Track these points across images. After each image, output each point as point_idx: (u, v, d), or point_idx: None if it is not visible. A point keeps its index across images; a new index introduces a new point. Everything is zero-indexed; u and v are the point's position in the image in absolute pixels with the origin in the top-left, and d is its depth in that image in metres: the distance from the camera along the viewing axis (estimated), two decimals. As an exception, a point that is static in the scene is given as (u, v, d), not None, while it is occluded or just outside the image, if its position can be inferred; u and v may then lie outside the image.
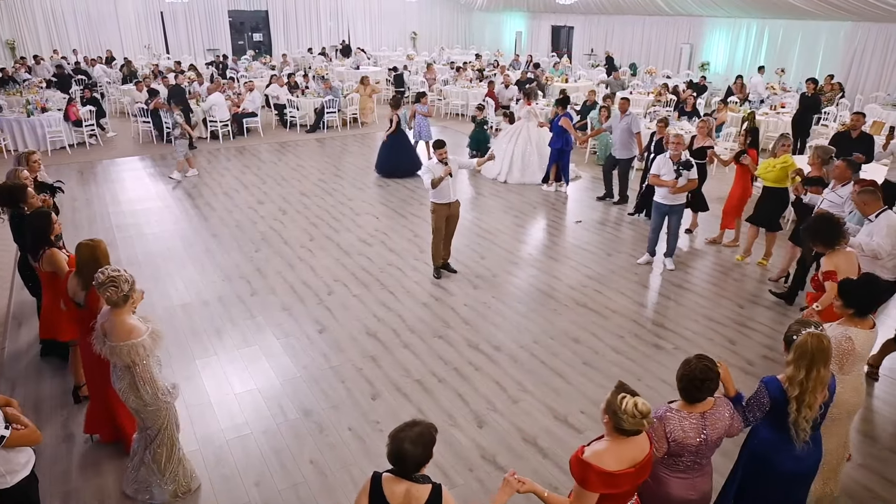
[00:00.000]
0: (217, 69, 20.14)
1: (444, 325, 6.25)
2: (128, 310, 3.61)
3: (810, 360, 2.99)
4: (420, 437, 2.50)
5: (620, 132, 9.48)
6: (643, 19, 21.82)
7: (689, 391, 2.90)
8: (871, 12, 14.74)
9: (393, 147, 11.44)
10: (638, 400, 2.61)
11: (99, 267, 3.92)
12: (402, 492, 2.50)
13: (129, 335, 3.53)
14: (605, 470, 2.61)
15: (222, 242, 8.27)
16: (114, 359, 3.56)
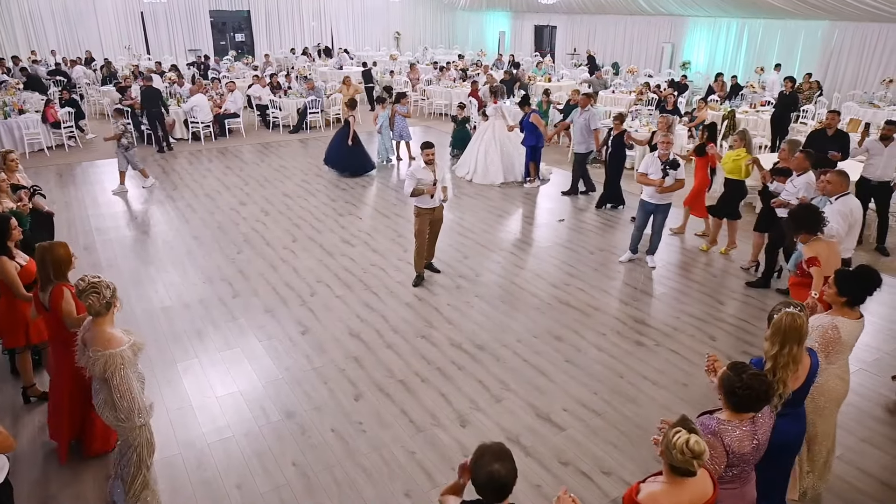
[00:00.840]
0: (199, 70, 19.98)
1: (427, 325, 6.25)
2: (109, 318, 3.54)
3: (783, 336, 3.13)
4: (501, 453, 2.35)
5: (579, 127, 9.87)
6: (625, 19, 21.97)
7: (748, 403, 2.79)
8: (848, 12, 14.96)
9: (344, 143, 11.40)
10: (692, 437, 2.42)
11: (48, 271, 4.00)
12: None
13: (107, 345, 3.44)
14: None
15: (204, 244, 8.20)
16: (91, 369, 3.47)
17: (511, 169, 11.22)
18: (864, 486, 4.22)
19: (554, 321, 6.34)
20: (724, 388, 2.83)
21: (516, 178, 11.21)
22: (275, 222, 9.04)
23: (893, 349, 5.88)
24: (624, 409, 4.98)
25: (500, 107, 11.27)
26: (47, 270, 4.02)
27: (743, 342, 6.01)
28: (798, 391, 3.31)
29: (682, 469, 2.46)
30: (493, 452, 2.35)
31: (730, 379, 2.80)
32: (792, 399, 3.28)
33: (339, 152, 11.49)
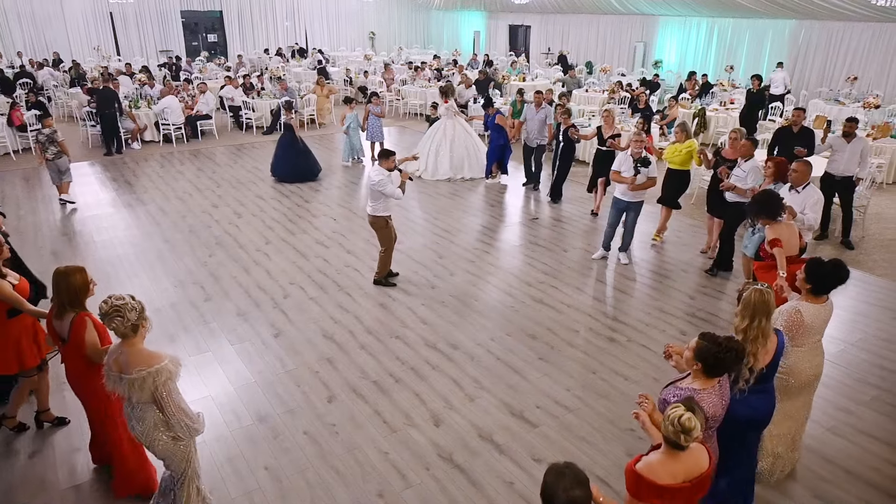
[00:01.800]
0: (170, 71, 19.71)
1: (401, 325, 6.24)
2: (140, 338, 3.36)
3: (752, 310, 3.36)
4: (579, 478, 2.37)
5: (536, 123, 10.25)
6: (598, 18, 22.17)
7: (726, 365, 2.99)
8: (814, 10, 15.27)
9: (288, 150, 11.07)
10: (686, 414, 2.57)
11: (63, 298, 3.71)
12: None
13: (149, 362, 3.25)
14: (657, 483, 2.61)
15: (175, 248, 8.10)
16: (135, 393, 3.24)
17: (461, 166, 11.33)
18: (828, 475, 4.32)
19: (527, 319, 6.38)
20: (702, 355, 2.99)
21: (464, 175, 11.31)
22: (248, 224, 8.96)
23: (858, 340, 6.02)
24: (596, 405, 5.03)
25: (450, 106, 11.33)
26: (62, 298, 3.74)
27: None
28: (768, 368, 3.48)
29: (672, 441, 2.61)
30: (574, 477, 2.37)
31: (708, 346, 2.97)
32: (762, 375, 3.44)
33: (286, 160, 11.05)
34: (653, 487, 2.61)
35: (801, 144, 8.03)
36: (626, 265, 7.66)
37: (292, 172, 11.04)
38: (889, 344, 5.93)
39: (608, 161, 8.54)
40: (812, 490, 4.18)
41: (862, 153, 7.89)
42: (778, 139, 8.38)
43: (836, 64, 16.41)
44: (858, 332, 6.15)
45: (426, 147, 11.43)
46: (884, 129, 10.97)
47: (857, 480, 4.28)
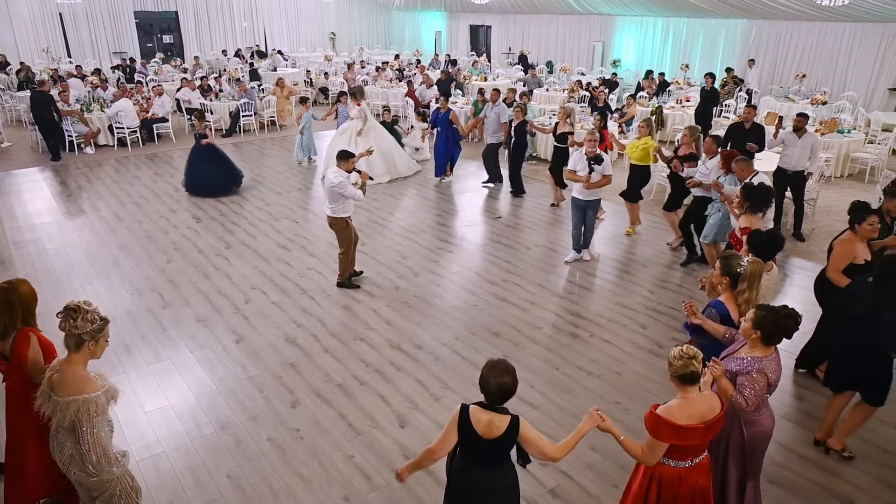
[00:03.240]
0: (124, 73, 19.21)
1: (365, 328, 6.21)
2: (82, 358, 3.08)
3: (756, 279, 3.85)
4: (507, 369, 2.83)
5: (491, 121, 10.43)
6: (557, 18, 22.42)
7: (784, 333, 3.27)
8: (763, 10, 15.74)
9: (201, 161, 10.17)
10: (682, 346, 2.98)
11: (16, 314, 3.45)
12: (486, 420, 2.84)
13: (80, 388, 2.98)
14: (675, 423, 2.90)
15: (131, 254, 7.90)
16: (58, 417, 3.00)
17: (393, 166, 11.26)
18: (783, 460, 4.45)
19: (491, 317, 6.42)
20: (764, 324, 3.24)
21: (400, 174, 11.25)
22: (207, 229, 8.79)
23: (810, 329, 6.18)
24: (560, 401, 5.09)
25: (363, 108, 11.12)
26: (14, 314, 3.45)
27: (672, 329, 6.23)
28: None
29: (688, 375, 2.92)
30: (503, 367, 2.85)
31: (768, 315, 3.25)
32: None
33: (199, 173, 10.16)
34: (672, 427, 2.90)
35: (752, 140, 8.28)
36: (588, 261, 7.76)
37: (206, 185, 10.16)
38: (839, 332, 6.14)
39: (563, 156, 9.13)
40: (768, 475, 4.30)
41: (812, 148, 8.16)
42: (730, 135, 8.61)
43: (786, 62, 16.94)
44: (810, 321, 6.30)
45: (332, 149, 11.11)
46: (831, 125, 11.37)
47: (810, 463, 4.43)
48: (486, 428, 2.83)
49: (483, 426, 2.83)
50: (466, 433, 2.87)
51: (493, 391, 2.83)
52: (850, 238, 4.80)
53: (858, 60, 15.50)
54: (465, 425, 2.86)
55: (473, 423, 2.84)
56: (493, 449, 2.87)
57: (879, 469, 4.39)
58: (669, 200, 8.04)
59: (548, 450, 2.91)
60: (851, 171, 11.49)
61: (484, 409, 2.88)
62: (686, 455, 3.05)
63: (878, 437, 4.70)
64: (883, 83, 15.17)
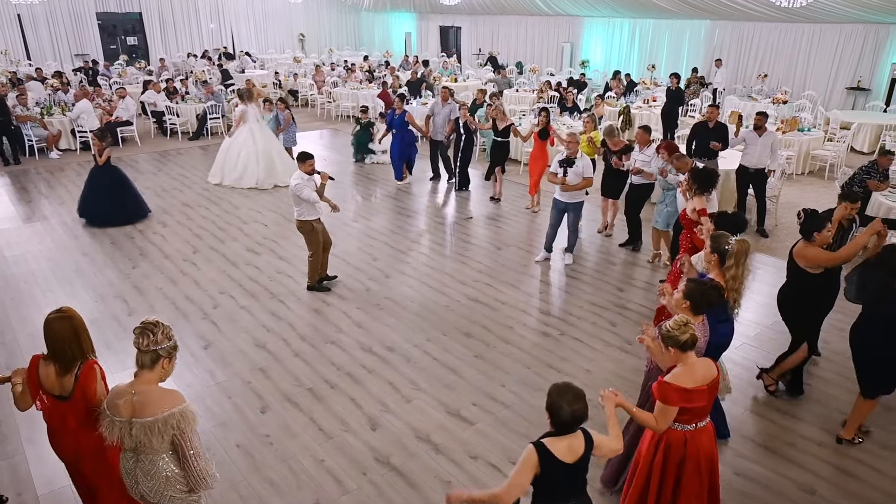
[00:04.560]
0: (87, 76, 18.78)
1: (336, 331, 6.17)
2: (157, 377, 2.95)
3: (744, 257, 4.08)
4: (578, 395, 2.77)
5: (441, 118, 10.63)
6: (526, 19, 22.58)
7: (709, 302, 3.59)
8: (725, 11, 16.07)
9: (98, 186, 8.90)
10: (673, 318, 3.22)
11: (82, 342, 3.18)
12: (565, 446, 2.78)
13: (172, 401, 2.85)
14: (683, 387, 3.14)
15: (95, 261, 7.72)
16: (154, 439, 2.82)
17: (273, 172, 10.83)
18: (748, 452, 4.55)
19: (463, 318, 6.43)
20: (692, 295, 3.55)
21: (278, 182, 10.77)
22: (173, 234, 8.64)
23: (773, 323, 6.35)
24: (531, 399, 5.12)
25: (246, 109, 10.92)
26: (84, 344, 3.20)
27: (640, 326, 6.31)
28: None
29: (688, 341, 3.15)
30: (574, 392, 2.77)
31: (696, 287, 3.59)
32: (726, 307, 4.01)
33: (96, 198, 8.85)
34: (680, 391, 3.14)
35: (715, 138, 8.45)
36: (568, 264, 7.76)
37: (102, 214, 8.83)
38: (800, 325, 6.29)
39: (503, 151, 9.95)
40: (732, 467, 4.40)
41: (772, 146, 8.36)
42: (695, 133, 8.77)
43: (749, 62, 17.32)
44: (773, 315, 6.47)
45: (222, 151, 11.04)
46: (792, 123, 11.66)
47: (775, 456, 4.53)
48: (567, 452, 2.76)
49: (565, 452, 2.76)
50: (551, 467, 2.73)
51: (566, 420, 2.73)
52: (809, 244, 4.74)
53: (817, 61, 15.93)
54: (549, 460, 2.72)
55: (556, 454, 2.73)
56: (580, 471, 2.83)
57: (839, 458, 4.52)
58: (608, 187, 8.42)
59: (614, 444, 2.97)
60: (812, 168, 11.80)
61: (555, 437, 2.79)
62: (692, 418, 3.28)
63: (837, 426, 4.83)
64: (841, 82, 15.62)
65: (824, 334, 5.65)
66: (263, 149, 10.88)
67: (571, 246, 7.76)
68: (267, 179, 10.83)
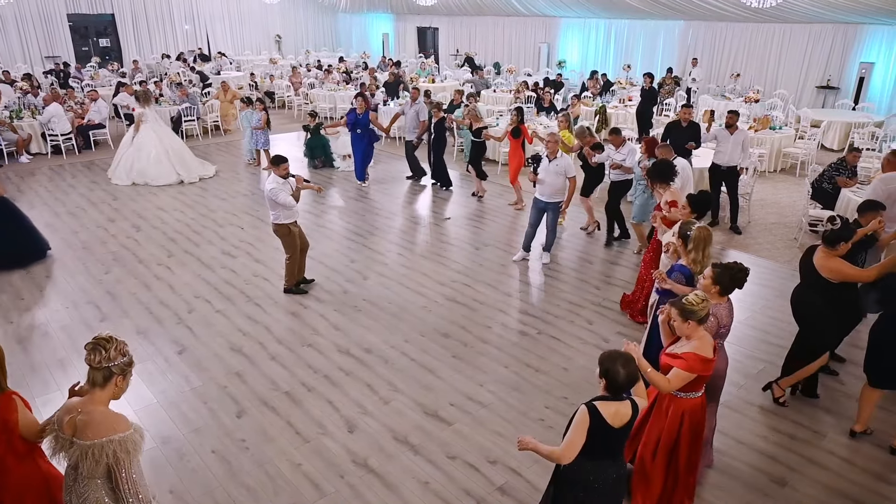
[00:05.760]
0: (58, 78, 18.45)
1: (313, 333, 6.13)
2: (107, 395, 2.82)
3: (704, 243, 4.40)
4: (628, 358, 3.03)
5: (410, 118, 10.80)
6: (503, 20, 22.66)
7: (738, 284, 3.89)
8: (697, 11, 16.28)
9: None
10: (693, 293, 3.51)
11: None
12: (613, 411, 2.99)
13: (113, 427, 2.71)
14: (707, 357, 3.46)
15: (66, 267, 7.58)
16: (87, 464, 2.70)
17: (188, 166, 11.31)
18: (721, 446, 4.61)
19: (441, 318, 6.43)
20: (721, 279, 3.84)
21: (202, 173, 11.38)
22: (147, 238, 8.52)
23: (746, 318, 6.45)
24: (508, 398, 5.14)
25: (144, 111, 11.11)
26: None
27: (618, 324, 6.38)
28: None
29: (705, 316, 3.47)
30: (624, 356, 3.03)
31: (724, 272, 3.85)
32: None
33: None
34: (705, 360, 3.45)
35: (688, 137, 8.58)
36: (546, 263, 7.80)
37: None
38: (774, 320, 6.40)
39: (480, 150, 10.07)
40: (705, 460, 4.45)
41: (743, 144, 8.49)
42: (668, 133, 8.88)
43: (721, 62, 17.57)
44: (746, 310, 6.60)
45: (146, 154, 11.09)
46: (764, 122, 11.86)
47: (747, 448, 4.60)
48: (614, 417, 2.98)
49: (612, 416, 2.97)
50: (600, 429, 2.96)
51: (622, 383, 2.98)
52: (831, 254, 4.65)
53: (788, 60, 16.21)
54: (599, 422, 2.96)
55: (606, 417, 2.96)
56: (622, 436, 3.07)
57: (811, 450, 4.60)
58: (584, 186, 8.64)
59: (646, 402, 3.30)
60: (783, 165, 12.00)
61: (606, 401, 3.01)
62: (702, 385, 3.63)
63: (810, 419, 4.92)
64: (811, 81, 15.91)
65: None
66: (170, 146, 11.30)
67: (549, 245, 7.80)
68: (189, 174, 11.24)
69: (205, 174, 11.50)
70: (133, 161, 11.10)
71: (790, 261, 7.87)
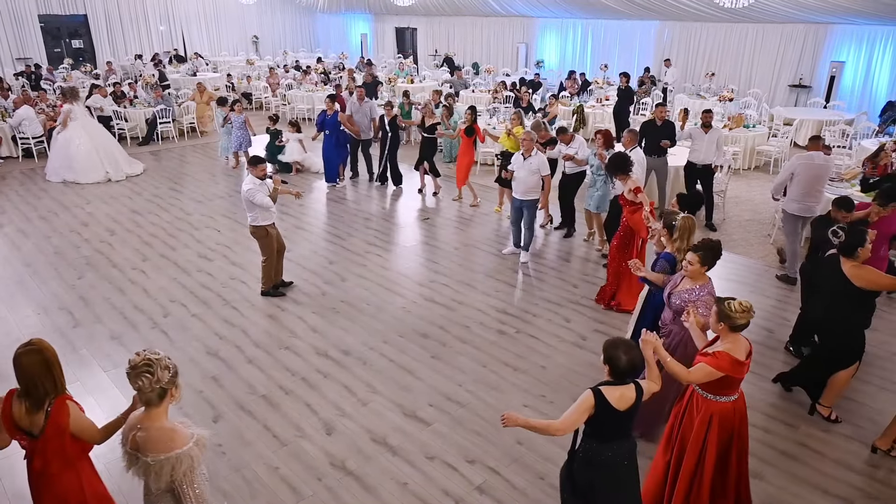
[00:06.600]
0: (29, 80, 18.11)
1: (291, 336, 6.09)
2: (164, 409, 2.82)
3: (688, 232, 4.58)
4: (630, 345, 3.11)
5: (361, 117, 10.80)
6: (481, 20, 22.70)
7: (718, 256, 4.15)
8: (672, 11, 16.46)
9: None
10: (738, 300, 3.43)
11: (54, 374, 3.00)
12: (618, 395, 3.09)
13: (170, 445, 2.72)
14: (738, 358, 3.43)
15: (38, 272, 7.45)
16: (152, 480, 2.74)
17: (117, 163, 11.38)
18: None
19: (419, 319, 6.42)
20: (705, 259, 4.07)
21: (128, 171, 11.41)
22: (122, 242, 8.39)
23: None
24: (487, 397, 5.15)
25: (72, 108, 11.15)
26: (56, 378, 3.01)
27: (595, 321, 6.43)
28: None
29: (742, 325, 3.43)
30: (626, 343, 3.12)
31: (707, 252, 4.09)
32: None
33: None
34: (735, 362, 3.42)
35: (664, 136, 8.67)
36: (516, 257, 7.87)
37: None
38: (747, 315, 6.49)
39: (431, 147, 10.18)
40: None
41: (718, 142, 8.61)
42: (644, 132, 8.95)
43: (697, 61, 17.79)
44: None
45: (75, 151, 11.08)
46: (738, 120, 12.03)
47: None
48: (619, 401, 3.07)
49: (617, 400, 3.07)
50: (605, 412, 3.06)
51: (624, 368, 3.07)
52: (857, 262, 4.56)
53: (761, 60, 16.45)
54: (604, 405, 3.06)
55: (611, 401, 3.06)
56: (629, 418, 3.16)
57: (784, 443, 4.67)
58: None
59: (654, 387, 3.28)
60: (757, 163, 12.19)
61: (611, 386, 3.11)
62: (735, 389, 3.58)
63: (783, 413, 5.00)
64: (784, 80, 16.17)
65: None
66: (100, 143, 11.35)
67: (527, 244, 7.82)
68: (116, 172, 11.30)
69: (132, 172, 11.55)
70: (61, 158, 11.11)
71: (764, 257, 7.99)
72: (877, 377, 5.49)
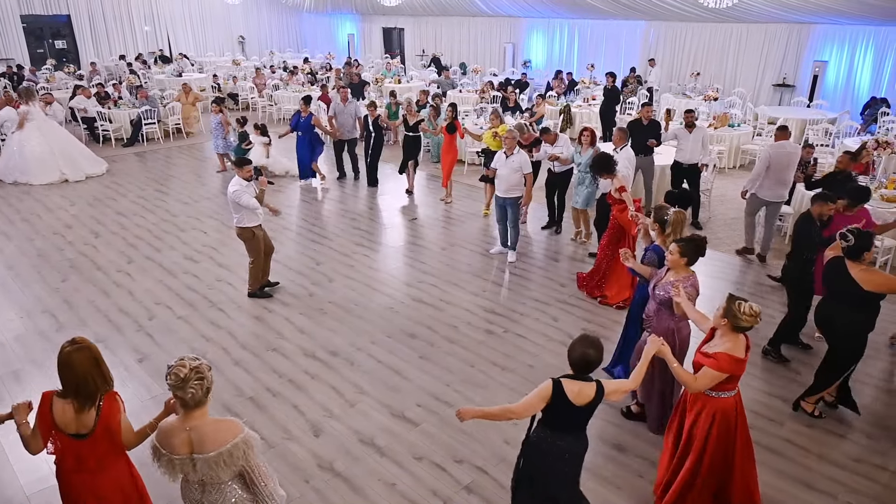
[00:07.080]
0: (11, 81, 17.87)
1: (278, 337, 6.07)
2: (207, 405, 2.85)
3: (680, 225, 4.71)
4: (594, 343, 3.16)
5: (346, 117, 10.90)
6: (468, 20, 22.72)
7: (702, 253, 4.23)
8: (657, 11, 16.57)
9: None
10: (750, 303, 3.48)
11: (102, 369, 2.99)
12: (577, 390, 3.14)
13: (227, 434, 2.76)
14: (738, 357, 3.50)
15: (20, 275, 7.36)
16: (222, 472, 2.76)
17: (76, 163, 11.34)
18: (683, 438, 4.70)
19: (407, 319, 6.42)
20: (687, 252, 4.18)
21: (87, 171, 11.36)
22: (107, 244, 8.32)
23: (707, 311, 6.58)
24: (474, 397, 5.16)
25: (29, 109, 11.15)
26: (106, 374, 3.01)
27: (583, 320, 6.46)
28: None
29: (745, 328, 3.51)
30: (591, 341, 3.17)
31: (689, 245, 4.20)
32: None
33: None
34: (735, 361, 3.50)
35: (650, 136, 8.74)
36: (503, 256, 7.88)
37: None
38: (733, 313, 6.55)
39: (415, 145, 10.37)
40: (670, 453, 4.53)
41: (703, 141, 8.68)
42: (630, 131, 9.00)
43: (682, 61, 17.91)
44: (706, 302, 6.71)
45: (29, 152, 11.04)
46: (723, 119, 12.13)
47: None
48: (577, 396, 3.13)
49: (575, 395, 3.13)
50: (561, 403, 3.13)
51: (575, 360, 3.16)
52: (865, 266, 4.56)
53: (745, 59, 16.60)
54: (560, 395, 3.12)
55: (568, 394, 3.12)
56: (584, 414, 3.22)
57: (769, 439, 4.72)
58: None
59: (627, 385, 3.38)
60: (742, 161, 12.30)
61: (572, 380, 3.17)
62: (735, 384, 3.66)
63: (768, 410, 5.05)
64: (768, 80, 16.33)
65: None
66: (57, 144, 11.28)
67: (513, 243, 7.85)
68: (74, 172, 11.22)
69: (93, 172, 11.47)
70: (16, 159, 11.03)
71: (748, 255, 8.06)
72: (859, 372, 5.55)
